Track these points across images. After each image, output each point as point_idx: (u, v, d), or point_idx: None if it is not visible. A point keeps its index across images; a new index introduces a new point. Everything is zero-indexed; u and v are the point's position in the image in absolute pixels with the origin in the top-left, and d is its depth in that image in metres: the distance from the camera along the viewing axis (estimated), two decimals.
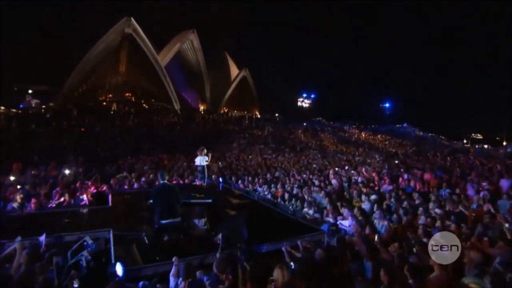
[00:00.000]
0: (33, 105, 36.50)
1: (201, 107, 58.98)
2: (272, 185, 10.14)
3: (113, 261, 4.22)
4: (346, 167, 13.34)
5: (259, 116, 50.94)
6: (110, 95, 46.53)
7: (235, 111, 56.46)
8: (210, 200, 5.51)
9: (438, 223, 5.82)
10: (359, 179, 10.61)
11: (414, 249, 4.55)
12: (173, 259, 3.89)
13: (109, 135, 25.10)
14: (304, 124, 43.84)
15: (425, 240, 4.71)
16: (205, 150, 9.01)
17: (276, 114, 53.23)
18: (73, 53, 43.46)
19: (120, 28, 44.64)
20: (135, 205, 6.93)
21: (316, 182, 9.96)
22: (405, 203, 7.35)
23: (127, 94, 47.72)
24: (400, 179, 10.40)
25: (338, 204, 7.49)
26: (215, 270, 3.59)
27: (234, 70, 70.13)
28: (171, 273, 3.83)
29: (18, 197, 7.00)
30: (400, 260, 4.31)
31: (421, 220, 6.35)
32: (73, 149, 20.83)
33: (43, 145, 20.17)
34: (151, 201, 5.14)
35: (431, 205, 7.10)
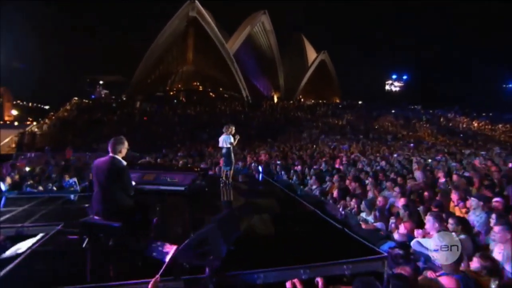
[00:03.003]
0: (103, 95, 40.77)
1: (274, 96, 57.72)
2: (327, 178, 7.82)
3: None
4: (443, 158, 9.96)
5: (339, 103, 46.75)
6: (179, 85, 48.87)
7: (312, 100, 53.47)
8: (182, 188, 3.74)
9: None
10: (467, 175, 7.40)
11: None
12: None
13: (169, 123, 25.81)
14: (393, 111, 38.50)
15: None
16: (232, 128, 7.36)
17: (360, 102, 48.24)
18: (142, 42, 47.04)
19: (184, 12, 45.81)
20: None
21: (392, 176, 7.23)
22: None
23: (194, 83, 49.43)
24: None
25: (420, 208, 4.87)
26: None
27: (311, 54, 66.88)
28: None
29: (9, 178, 6.52)
30: None
31: None
32: (131, 137, 22.03)
33: (106, 133, 21.67)
34: None
35: None
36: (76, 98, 30.83)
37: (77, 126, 22.26)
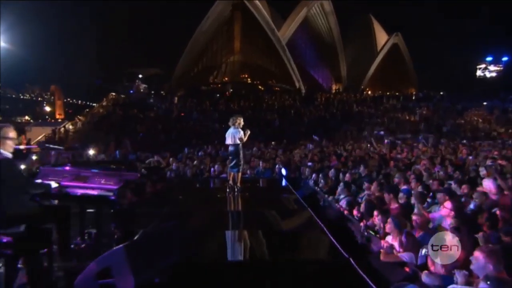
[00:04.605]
0: (142, 90, 42.72)
1: (334, 88, 55.47)
2: (365, 186, 6.76)
3: None
4: None
5: (412, 94, 42.86)
6: (226, 78, 49.46)
7: (380, 92, 50.22)
8: (110, 193, 3.16)
9: None
10: None
11: None
12: None
13: (209, 120, 26.05)
14: (486, 103, 34.20)
15: None
16: (241, 120, 6.83)
17: (441, 93, 43.83)
18: (184, 31, 48.16)
19: None
20: None
21: (453, 184, 5.90)
22: None
23: (242, 76, 49.58)
24: None
25: (479, 236, 3.73)
26: None
27: (381, 37, 63.03)
28: None
29: None
30: None
31: None
32: (167, 135, 22.70)
33: (140, 130, 22.62)
34: None
35: None
36: (113, 94, 32.85)
37: (111, 122, 23.59)
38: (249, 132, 6.89)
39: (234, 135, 6.73)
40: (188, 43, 47.13)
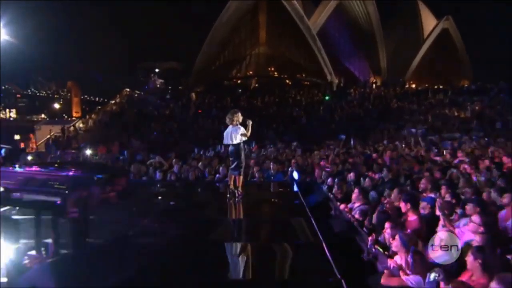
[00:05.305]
0: (158, 85, 43.35)
1: (372, 81, 53.86)
2: (386, 193, 6.38)
3: None
4: None
5: (462, 87, 40.70)
6: (250, 72, 49.33)
7: (426, 85, 48.17)
8: (57, 199, 3.00)
9: None
10: None
11: None
12: None
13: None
14: None
15: None
16: (239, 115, 6.66)
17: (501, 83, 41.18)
18: (203, 21, 48.33)
19: None
20: None
21: (493, 193, 5.37)
22: None
23: (269, 69, 49.22)
24: None
25: None
26: None
27: (429, 22, 60.26)
28: None
29: None
30: None
31: None
32: (182, 133, 22.92)
33: (155, 129, 23.02)
34: None
35: None
36: (128, 90, 33.57)
37: (124, 120, 24.12)
38: (251, 123, 6.73)
39: (233, 134, 6.57)
40: (208, 35, 47.12)
